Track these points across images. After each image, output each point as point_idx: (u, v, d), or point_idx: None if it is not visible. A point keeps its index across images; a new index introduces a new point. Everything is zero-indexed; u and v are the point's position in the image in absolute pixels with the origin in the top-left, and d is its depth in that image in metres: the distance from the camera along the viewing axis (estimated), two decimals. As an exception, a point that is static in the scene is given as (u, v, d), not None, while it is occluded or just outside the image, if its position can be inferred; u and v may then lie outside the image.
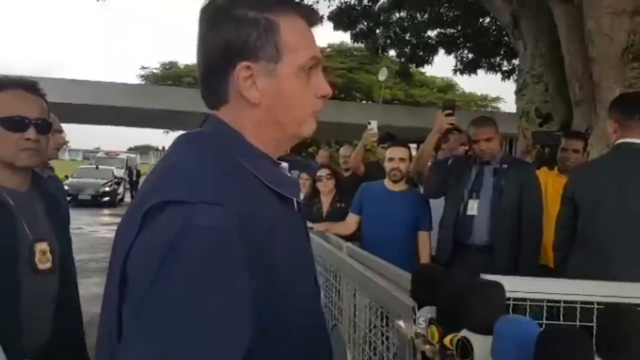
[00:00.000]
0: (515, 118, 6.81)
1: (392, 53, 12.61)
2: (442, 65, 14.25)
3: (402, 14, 11.00)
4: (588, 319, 1.26)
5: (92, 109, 16.92)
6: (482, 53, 11.56)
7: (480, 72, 11.89)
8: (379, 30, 11.31)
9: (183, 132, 0.92)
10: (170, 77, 25.56)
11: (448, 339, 0.98)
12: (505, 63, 11.75)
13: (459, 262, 2.96)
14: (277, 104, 0.87)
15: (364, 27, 11.08)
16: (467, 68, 11.71)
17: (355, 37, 11.28)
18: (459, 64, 11.71)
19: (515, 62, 9.79)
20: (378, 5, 10.79)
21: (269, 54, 0.85)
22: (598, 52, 4.66)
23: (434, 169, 3.42)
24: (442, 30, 11.25)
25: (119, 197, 18.74)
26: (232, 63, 0.85)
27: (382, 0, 10.68)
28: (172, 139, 0.96)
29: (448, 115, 3.10)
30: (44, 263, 1.51)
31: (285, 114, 0.88)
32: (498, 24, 9.52)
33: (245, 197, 0.79)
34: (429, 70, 26.40)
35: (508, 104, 23.35)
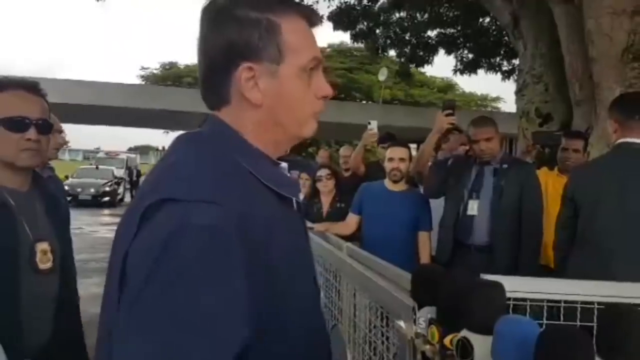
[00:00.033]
0: (516, 118, 6.81)
1: (392, 53, 12.63)
2: (442, 66, 14.28)
3: (402, 14, 11.01)
4: (588, 319, 1.26)
5: (92, 109, 16.93)
6: (482, 53, 11.56)
7: (480, 72, 11.92)
8: (379, 30, 11.31)
9: (183, 132, 0.92)
10: (170, 77, 25.54)
11: (448, 339, 0.98)
12: (505, 63, 11.77)
13: (459, 262, 2.96)
14: (278, 105, 0.87)
15: (364, 27, 11.08)
16: (467, 68, 11.71)
17: (355, 37, 11.28)
18: (459, 64, 11.72)
19: (515, 62, 9.79)
20: (378, 5, 10.79)
21: (271, 55, 0.85)
22: (598, 52, 4.66)
23: (434, 169, 3.42)
24: (442, 30, 11.25)
25: (119, 197, 18.74)
26: (234, 64, 0.84)
27: (382, 0, 10.69)
28: (172, 139, 0.96)
29: (448, 115, 3.10)
30: (45, 263, 1.51)
31: (287, 115, 0.88)
32: (498, 24, 9.52)
33: (244, 196, 0.79)
34: (429, 70, 26.42)
35: (508, 104, 23.37)
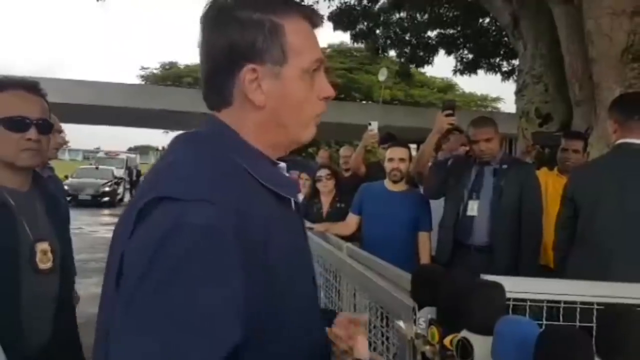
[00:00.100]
0: (515, 118, 6.81)
1: (392, 53, 12.62)
2: (442, 66, 14.28)
3: (402, 15, 11.00)
4: (588, 320, 1.26)
5: (92, 109, 16.93)
6: (482, 53, 11.57)
7: (480, 72, 11.92)
8: (379, 31, 11.31)
9: (182, 132, 0.92)
10: (170, 77, 25.52)
11: (448, 340, 0.98)
12: (505, 63, 11.78)
13: (459, 262, 2.96)
14: (281, 107, 0.87)
15: (364, 27, 11.08)
16: (467, 68, 11.72)
17: (355, 37, 11.27)
18: (459, 65, 11.72)
19: (515, 62, 9.80)
20: (378, 6, 10.79)
21: (275, 57, 0.84)
22: (598, 52, 4.66)
23: (434, 170, 3.42)
24: (442, 31, 11.25)
25: (119, 197, 18.73)
26: (237, 65, 0.84)
27: (382, 1, 10.68)
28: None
29: (448, 116, 3.10)
30: (45, 263, 1.51)
31: (290, 117, 0.88)
32: (498, 25, 9.52)
33: (242, 196, 0.78)
34: (429, 71, 26.38)
35: (508, 104, 23.37)
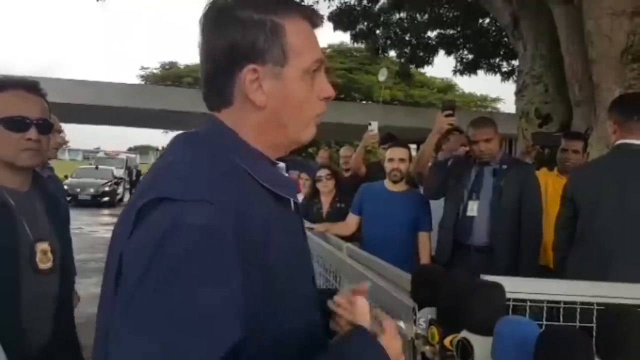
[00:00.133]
0: (515, 119, 6.81)
1: (392, 54, 12.61)
2: (442, 66, 14.28)
3: (402, 15, 11.00)
4: (588, 320, 1.26)
5: (92, 109, 16.92)
6: (481, 54, 11.56)
7: (480, 72, 11.92)
8: (379, 31, 11.30)
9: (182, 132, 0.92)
10: (170, 77, 25.49)
11: (448, 340, 0.99)
12: (505, 64, 11.77)
13: (459, 262, 2.96)
14: (282, 107, 0.87)
15: (364, 27, 11.07)
16: (467, 69, 11.71)
17: (355, 37, 11.27)
18: (459, 65, 11.71)
19: (515, 62, 9.80)
20: (378, 6, 10.78)
21: (276, 57, 0.84)
22: (598, 53, 4.66)
23: (434, 170, 3.42)
24: (442, 31, 11.25)
25: (119, 197, 18.71)
26: (238, 65, 0.84)
27: (382, 1, 10.68)
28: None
29: (448, 116, 3.10)
30: (45, 263, 1.51)
31: (290, 117, 0.88)
32: (498, 25, 9.52)
33: (241, 196, 0.78)
34: (429, 71, 26.32)
35: (508, 105, 23.35)
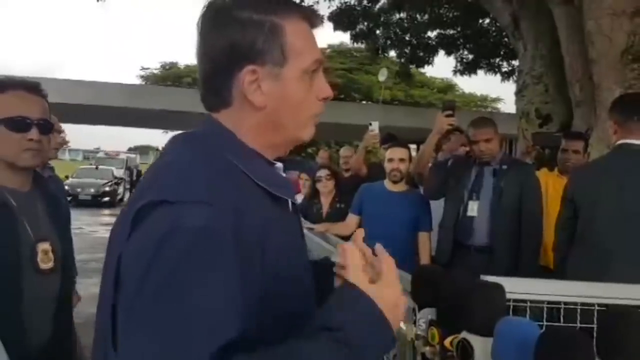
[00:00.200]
0: (515, 119, 6.81)
1: (392, 54, 12.61)
2: (442, 66, 14.30)
3: (402, 15, 11.00)
4: (588, 321, 1.26)
5: (92, 109, 16.90)
6: (482, 54, 11.57)
7: (480, 73, 11.92)
8: (379, 31, 11.30)
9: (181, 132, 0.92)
10: (170, 77, 25.47)
11: (448, 341, 0.99)
12: (505, 64, 11.77)
13: (459, 263, 2.96)
14: (281, 108, 0.86)
15: (364, 27, 11.07)
16: (467, 69, 11.71)
17: (355, 37, 11.27)
18: (459, 65, 11.72)
19: (515, 63, 9.79)
20: (378, 6, 10.78)
21: (275, 58, 0.84)
22: (598, 53, 4.66)
23: (434, 170, 3.42)
24: (442, 31, 11.25)
25: (119, 197, 18.71)
26: (237, 66, 0.84)
27: (382, 1, 10.68)
28: (170, 139, 0.96)
29: (448, 116, 3.10)
30: (46, 263, 1.51)
31: (289, 117, 0.88)
32: (498, 25, 9.52)
33: (239, 197, 0.78)
34: (429, 71, 26.27)
35: (508, 105, 23.32)
